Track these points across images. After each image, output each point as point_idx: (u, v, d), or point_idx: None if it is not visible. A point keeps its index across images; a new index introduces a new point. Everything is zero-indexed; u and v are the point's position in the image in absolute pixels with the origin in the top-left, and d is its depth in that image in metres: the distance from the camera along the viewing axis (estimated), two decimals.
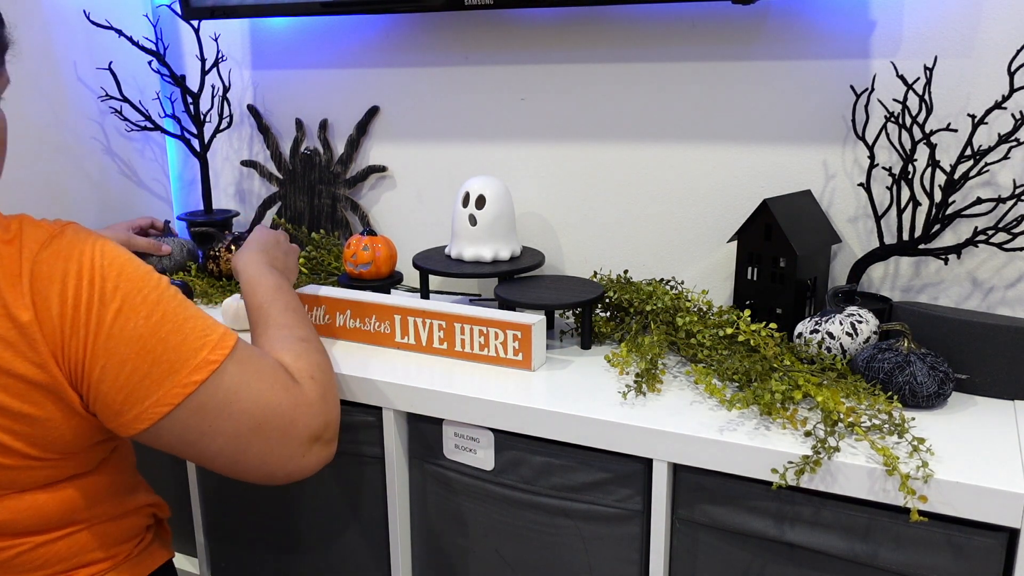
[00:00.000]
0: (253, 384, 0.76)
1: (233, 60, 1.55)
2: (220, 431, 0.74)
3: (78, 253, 0.70)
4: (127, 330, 0.70)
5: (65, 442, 0.73)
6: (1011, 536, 0.75)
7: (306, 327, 0.93)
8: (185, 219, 1.52)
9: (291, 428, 0.78)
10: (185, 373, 0.72)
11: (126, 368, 0.70)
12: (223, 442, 0.75)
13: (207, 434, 0.74)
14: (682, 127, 1.23)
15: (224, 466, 0.77)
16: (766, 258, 1.07)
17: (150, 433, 0.73)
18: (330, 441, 0.82)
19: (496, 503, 0.99)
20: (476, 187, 1.21)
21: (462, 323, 1.05)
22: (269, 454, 0.77)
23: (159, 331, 0.71)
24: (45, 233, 0.71)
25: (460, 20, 1.33)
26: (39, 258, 0.69)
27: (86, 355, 0.69)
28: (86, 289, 0.69)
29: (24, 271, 0.68)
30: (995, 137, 1.02)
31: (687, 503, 0.89)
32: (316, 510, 1.11)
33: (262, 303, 0.94)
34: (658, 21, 1.21)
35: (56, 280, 0.69)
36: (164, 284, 0.74)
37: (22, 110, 1.33)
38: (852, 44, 1.10)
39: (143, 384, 0.71)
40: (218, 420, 0.74)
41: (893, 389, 0.89)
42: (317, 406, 0.81)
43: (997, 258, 1.07)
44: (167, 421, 0.72)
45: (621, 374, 1.01)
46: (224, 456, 0.76)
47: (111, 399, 0.71)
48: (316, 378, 0.84)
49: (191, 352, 0.72)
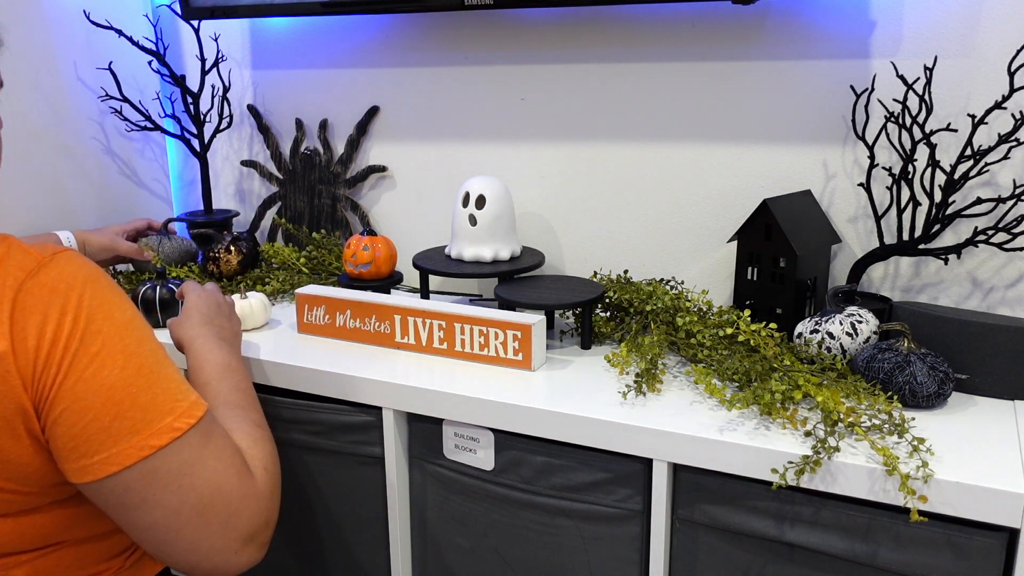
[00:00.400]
0: (210, 463, 0.72)
1: (233, 60, 1.55)
2: (161, 503, 0.69)
3: (65, 287, 0.68)
4: (99, 377, 0.67)
5: (39, 476, 0.70)
6: (1011, 536, 0.75)
7: (258, 411, 0.89)
8: (185, 219, 1.52)
9: (234, 518, 0.73)
10: (146, 435, 0.68)
11: (86, 416, 0.67)
12: (160, 515, 0.70)
13: (147, 503, 0.69)
14: (682, 127, 1.23)
15: (148, 540, 0.71)
16: (766, 258, 1.07)
17: (91, 487, 0.69)
18: (263, 545, 0.76)
19: (496, 503, 0.99)
20: (476, 187, 1.21)
21: (462, 323, 1.05)
22: (202, 541, 0.72)
23: (131, 386, 0.68)
24: (33, 261, 0.68)
25: (460, 20, 1.33)
26: (24, 287, 0.66)
27: (51, 392, 0.66)
28: (68, 326, 0.67)
29: (5, 299, 0.65)
30: (995, 137, 1.02)
31: (687, 503, 0.89)
32: (316, 510, 1.11)
33: (209, 380, 0.88)
34: (658, 21, 1.21)
35: (38, 312, 0.66)
36: (148, 336, 0.72)
37: (22, 110, 1.33)
38: (852, 44, 1.10)
39: (98, 437, 0.67)
40: (164, 491, 0.69)
41: (893, 389, 0.89)
42: (264, 501, 0.76)
43: (997, 258, 1.07)
44: (112, 480, 0.68)
45: (621, 374, 1.01)
46: (154, 531, 0.70)
47: (62, 443, 0.67)
48: (268, 470, 0.79)
49: (158, 415, 0.69)
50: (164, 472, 0.69)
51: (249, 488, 0.75)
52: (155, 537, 0.71)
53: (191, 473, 0.70)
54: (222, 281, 1.36)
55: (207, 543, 0.72)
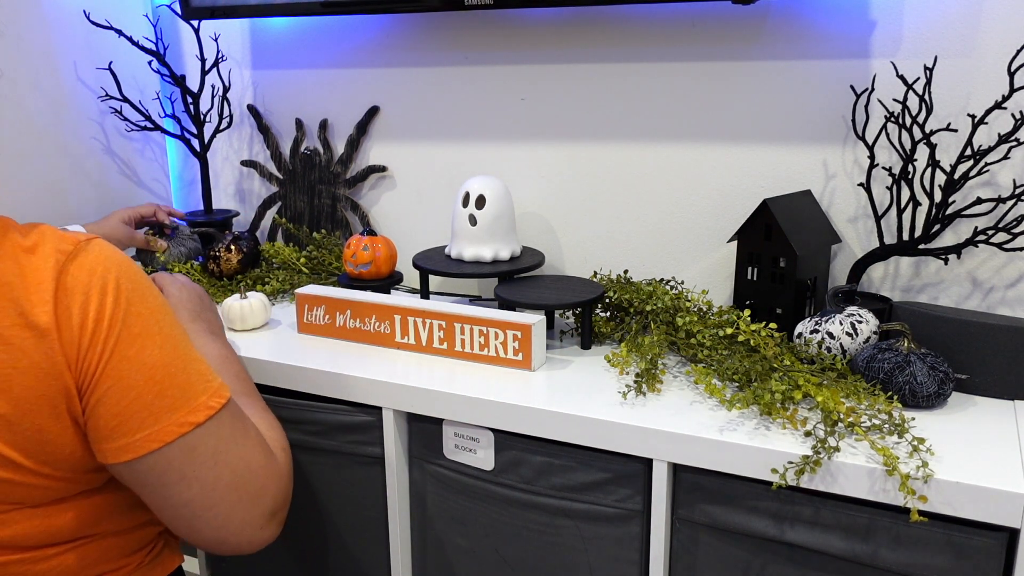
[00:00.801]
0: (240, 440, 0.76)
1: (233, 60, 1.55)
2: (199, 479, 0.73)
3: (103, 270, 0.70)
4: (141, 357, 0.70)
5: (74, 460, 0.72)
6: (1011, 536, 0.75)
7: (261, 398, 0.94)
8: (185, 219, 1.52)
9: (262, 494, 0.77)
10: (184, 412, 0.71)
11: (130, 395, 0.69)
12: (197, 491, 0.73)
13: (186, 479, 0.72)
14: (682, 127, 1.23)
15: (182, 518, 0.74)
16: (766, 258, 1.07)
17: (130, 466, 0.71)
18: (281, 523, 0.81)
19: (496, 503, 0.99)
20: (476, 187, 1.21)
21: (462, 323, 1.05)
22: (233, 516, 0.75)
23: (169, 366, 0.71)
24: (71, 244, 0.70)
25: (460, 20, 1.33)
26: (66, 269, 0.68)
27: (96, 372, 0.68)
28: (110, 307, 0.69)
29: (48, 279, 0.67)
30: (995, 137, 1.02)
31: (687, 503, 0.89)
32: (316, 510, 1.11)
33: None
34: (658, 21, 1.21)
35: (80, 292, 0.68)
36: (176, 320, 0.75)
37: (22, 110, 1.33)
38: (852, 44, 1.10)
39: (140, 415, 0.69)
40: (201, 468, 0.73)
41: (893, 389, 0.89)
42: (285, 480, 0.81)
43: (997, 258, 1.07)
44: (153, 457, 0.70)
45: (621, 374, 1.01)
46: (191, 507, 0.73)
47: (104, 422, 0.69)
48: (286, 451, 0.85)
49: (194, 393, 0.72)
50: (202, 449, 0.72)
51: (273, 466, 0.79)
52: (190, 514, 0.74)
53: (225, 450, 0.74)
54: (222, 280, 1.36)
55: (238, 518, 0.75)
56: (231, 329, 1.18)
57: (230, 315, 1.17)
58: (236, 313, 1.17)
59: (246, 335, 1.17)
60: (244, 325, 1.18)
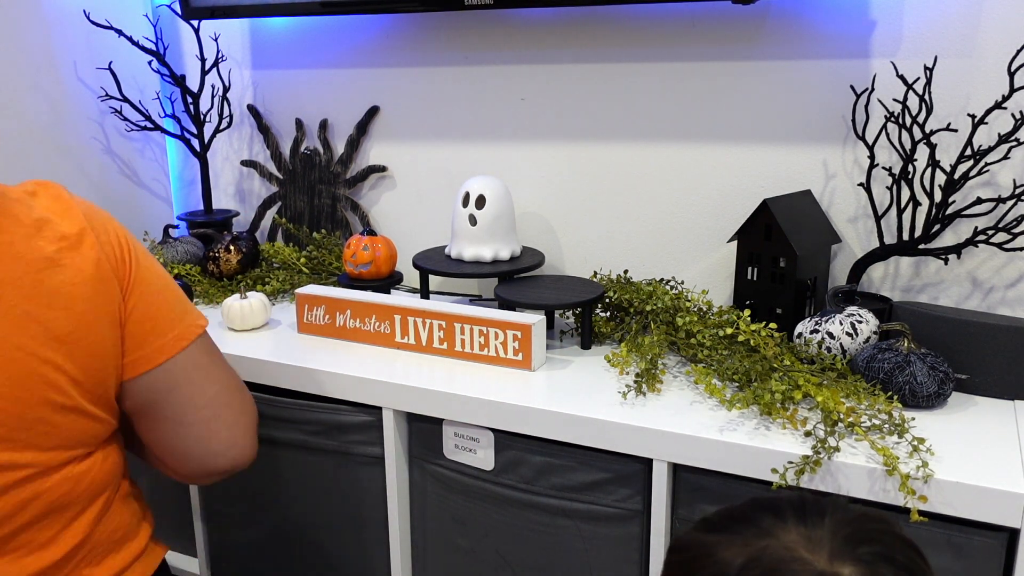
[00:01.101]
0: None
1: (233, 60, 1.55)
2: (217, 378, 0.82)
3: (106, 215, 0.79)
4: (154, 268, 0.80)
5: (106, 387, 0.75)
6: (1011, 536, 0.75)
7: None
8: (185, 219, 1.52)
9: (249, 403, 0.86)
10: (192, 318, 0.82)
11: (157, 299, 0.79)
12: (215, 391, 0.81)
13: (211, 376, 0.81)
14: (682, 127, 1.23)
15: (201, 422, 0.80)
16: (766, 258, 1.07)
17: (165, 368, 0.78)
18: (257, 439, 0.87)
19: (496, 503, 0.99)
20: (476, 187, 1.21)
21: (462, 323, 1.05)
22: (238, 422, 0.83)
23: (168, 279, 0.82)
24: (67, 193, 0.77)
25: (460, 20, 1.33)
26: (87, 208, 0.76)
27: (132, 275, 0.77)
28: (123, 232, 0.79)
29: (78, 214, 0.74)
30: (995, 137, 1.02)
31: (687, 503, 0.89)
32: (316, 510, 1.11)
33: None
34: (658, 21, 1.21)
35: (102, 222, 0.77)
36: None
37: (22, 110, 1.33)
38: (852, 44, 1.10)
39: (168, 316, 0.79)
40: (217, 367, 0.83)
41: (893, 389, 0.89)
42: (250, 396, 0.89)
43: (997, 258, 1.07)
44: (183, 356, 0.79)
45: (621, 374, 1.01)
46: (212, 407, 0.80)
47: (139, 327, 0.77)
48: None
49: (189, 305, 0.83)
50: (211, 347, 0.84)
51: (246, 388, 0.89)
52: (211, 414, 0.80)
53: (221, 356, 0.85)
54: (222, 281, 1.36)
55: (241, 424, 0.83)
56: (231, 329, 1.18)
57: (230, 315, 1.17)
58: (236, 313, 1.17)
59: (246, 335, 1.17)
60: (244, 325, 1.18)
